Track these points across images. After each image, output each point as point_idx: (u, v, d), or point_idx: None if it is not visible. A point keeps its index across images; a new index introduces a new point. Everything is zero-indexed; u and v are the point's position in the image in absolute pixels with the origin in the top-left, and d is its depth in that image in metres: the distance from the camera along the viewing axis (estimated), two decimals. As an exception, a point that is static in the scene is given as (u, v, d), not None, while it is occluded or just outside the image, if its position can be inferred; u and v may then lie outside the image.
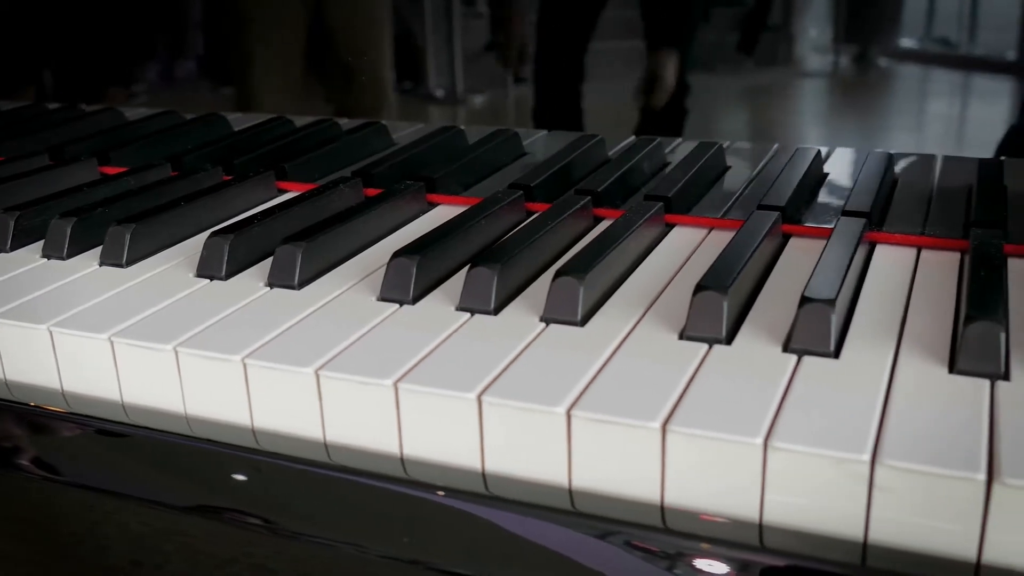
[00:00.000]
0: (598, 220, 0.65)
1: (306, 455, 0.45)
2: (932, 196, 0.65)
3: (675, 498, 0.40)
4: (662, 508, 0.40)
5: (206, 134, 0.88)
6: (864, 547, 0.37)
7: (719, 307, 0.46)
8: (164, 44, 0.97)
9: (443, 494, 0.42)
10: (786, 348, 0.45)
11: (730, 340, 0.46)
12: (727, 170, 0.74)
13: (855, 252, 0.52)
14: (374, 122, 0.87)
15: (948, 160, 0.70)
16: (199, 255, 0.58)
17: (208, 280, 0.57)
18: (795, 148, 0.73)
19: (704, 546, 0.38)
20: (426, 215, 0.68)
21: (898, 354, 0.44)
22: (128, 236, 0.60)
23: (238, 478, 0.46)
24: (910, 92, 0.72)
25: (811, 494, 0.38)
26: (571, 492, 0.41)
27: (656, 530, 0.39)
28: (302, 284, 0.55)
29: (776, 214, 0.59)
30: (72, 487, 0.50)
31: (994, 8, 0.68)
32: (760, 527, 0.39)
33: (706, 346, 0.45)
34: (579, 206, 0.63)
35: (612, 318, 0.49)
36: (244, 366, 0.46)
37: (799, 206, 0.63)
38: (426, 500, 0.42)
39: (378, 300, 0.53)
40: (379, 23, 0.87)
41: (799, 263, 0.55)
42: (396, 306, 0.52)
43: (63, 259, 0.61)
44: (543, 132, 0.83)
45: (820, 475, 0.37)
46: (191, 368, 0.48)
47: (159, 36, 0.96)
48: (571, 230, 0.62)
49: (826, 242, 0.53)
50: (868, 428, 0.38)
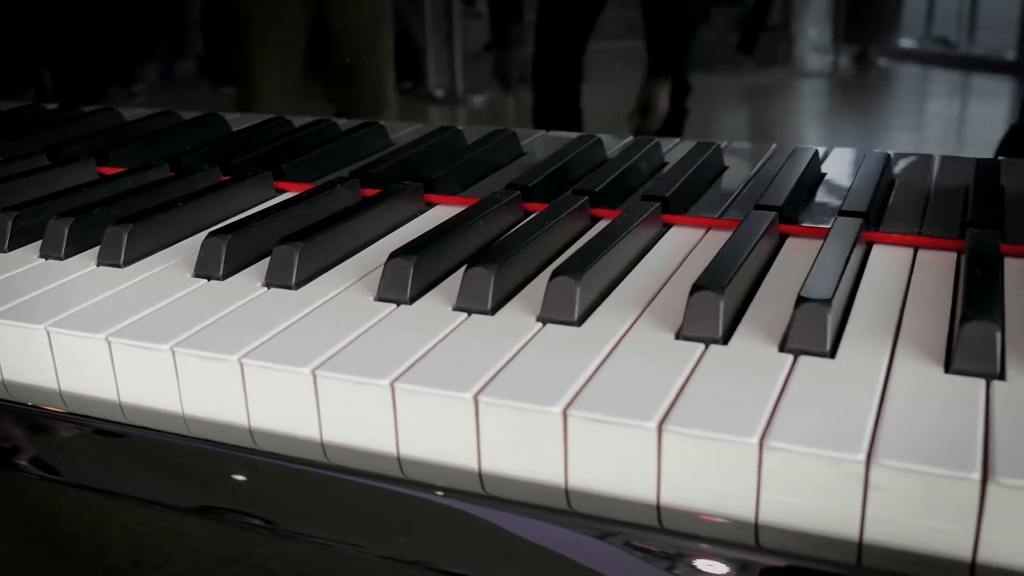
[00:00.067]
0: (596, 220, 0.65)
1: (303, 455, 0.45)
2: (929, 196, 0.65)
3: (671, 498, 0.40)
4: (658, 508, 0.40)
5: (204, 134, 0.88)
6: (860, 547, 0.37)
7: (715, 307, 0.46)
8: (163, 44, 0.97)
9: (442, 494, 0.42)
10: (782, 348, 0.45)
11: (726, 340, 0.46)
12: (725, 170, 0.74)
13: (851, 252, 0.52)
14: (372, 122, 0.87)
15: (945, 160, 0.70)
16: (197, 255, 0.58)
17: (206, 280, 0.57)
18: (794, 148, 0.73)
19: (704, 546, 0.38)
20: (424, 215, 0.68)
21: (894, 354, 0.44)
22: (126, 236, 0.60)
23: (237, 478, 0.46)
24: (909, 92, 0.72)
25: (807, 494, 0.38)
26: (567, 492, 0.41)
27: (653, 530, 0.39)
28: (299, 284, 0.55)
29: (773, 214, 0.59)
30: (71, 487, 0.50)
31: (993, 8, 0.69)
32: (756, 527, 0.39)
33: (702, 346, 0.45)
34: (576, 206, 0.63)
35: (609, 318, 0.49)
36: (241, 366, 0.46)
37: (796, 206, 0.63)
38: (424, 500, 0.42)
39: (375, 300, 0.53)
40: (378, 23, 0.87)
41: (796, 263, 0.55)
42: (393, 306, 0.52)
43: (61, 259, 0.61)
44: (541, 132, 0.83)
45: (816, 475, 0.37)
46: (188, 368, 0.48)
47: (158, 36, 0.97)
48: (568, 230, 0.62)
49: (823, 242, 0.53)
50: (864, 428, 0.38)
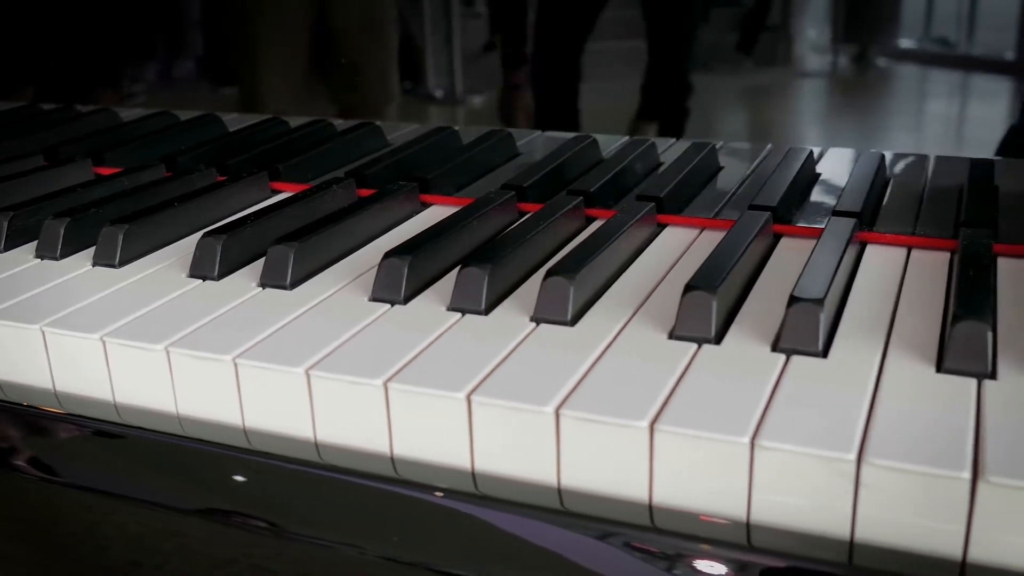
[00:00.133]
0: (590, 220, 0.65)
1: (297, 455, 0.45)
2: (924, 196, 0.65)
3: (663, 497, 0.40)
4: (651, 507, 0.40)
5: (201, 135, 0.88)
6: (851, 546, 0.37)
7: (708, 307, 0.46)
8: (160, 44, 0.97)
9: (441, 495, 0.42)
10: (775, 348, 0.45)
11: (719, 340, 0.46)
12: (720, 170, 0.74)
13: (845, 252, 0.52)
14: (368, 123, 0.87)
15: (940, 160, 0.71)
16: (192, 255, 0.58)
17: (201, 280, 0.57)
18: (788, 148, 0.73)
19: (698, 546, 0.38)
20: (419, 215, 0.68)
21: (886, 353, 0.44)
22: (121, 236, 0.60)
23: (237, 479, 0.46)
24: (908, 92, 0.72)
25: (798, 493, 0.38)
26: (560, 491, 0.42)
27: (646, 529, 0.39)
28: (294, 284, 0.55)
29: (767, 214, 0.59)
30: (70, 488, 0.50)
31: (992, 8, 0.69)
32: (748, 526, 0.39)
33: (695, 346, 0.46)
34: (571, 206, 0.63)
35: (602, 318, 0.49)
36: (235, 366, 0.47)
37: (790, 206, 0.63)
38: (420, 500, 0.42)
39: (370, 300, 0.53)
40: (378, 24, 0.87)
41: (790, 263, 0.55)
42: (387, 306, 0.52)
43: (56, 259, 0.61)
44: (537, 132, 0.83)
45: (807, 474, 0.37)
46: (183, 368, 0.48)
47: (155, 36, 0.97)
48: (563, 230, 0.62)
49: (816, 242, 0.54)
50: (855, 427, 0.38)
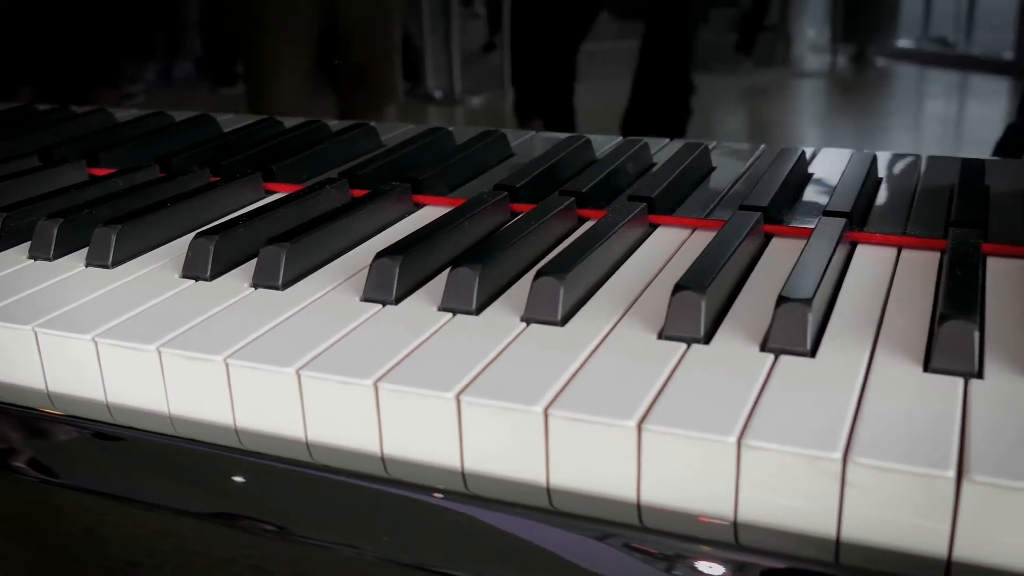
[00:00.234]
0: (583, 221, 0.65)
1: (290, 455, 0.45)
2: (915, 196, 0.65)
3: (651, 496, 0.40)
4: (639, 507, 0.40)
5: (195, 135, 0.88)
6: (837, 544, 0.38)
7: (697, 307, 0.46)
8: (156, 45, 0.97)
9: (441, 496, 0.42)
10: (763, 347, 0.45)
11: (708, 339, 0.46)
12: (712, 171, 0.74)
13: (834, 252, 0.52)
14: (363, 123, 0.87)
15: (932, 160, 0.71)
16: (185, 256, 0.58)
17: (193, 281, 0.57)
18: (781, 149, 0.73)
19: (686, 545, 0.39)
20: (412, 216, 0.69)
21: (874, 353, 0.45)
22: (114, 237, 0.60)
23: (235, 480, 0.46)
24: (907, 92, 0.72)
25: (785, 492, 0.38)
26: (549, 491, 0.42)
27: (635, 528, 0.39)
28: (286, 285, 0.55)
29: (758, 214, 0.59)
30: (69, 489, 0.50)
31: (991, 8, 0.69)
32: (735, 525, 0.39)
33: (684, 345, 0.46)
34: (563, 207, 0.63)
35: (592, 318, 0.49)
36: (226, 366, 0.47)
37: (781, 206, 0.63)
38: (414, 500, 0.43)
39: (361, 300, 0.53)
40: (378, 24, 0.88)
41: (780, 263, 0.55)
42: (379, 306, 0.52)
43: (50, 260, 0.61)
44: (531, 133, 0.83)
45: (793, 473, 0.37)
46: (174, 368, 0.48)
47: (151, 37, 0.97)
48: (555, 231, 0.62)
49: (806, 242, 0.54)
50: (841, 426, 0.38)
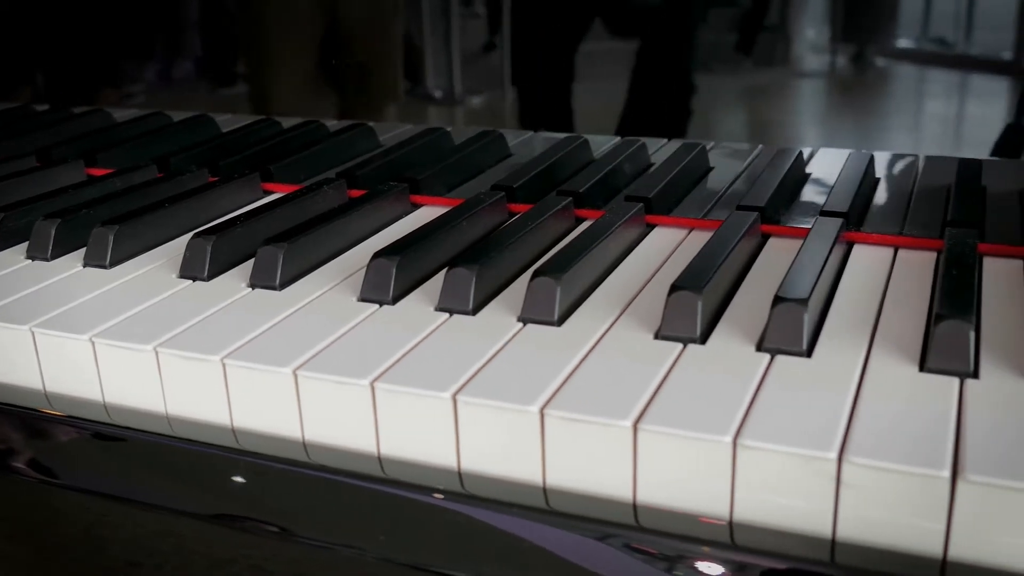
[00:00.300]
0: (580, 221, 0.65)
1: (288, 455, 0.45)
2: (912, 196, 0.65)
3: (647, 496, 0.40)
4: (635, 506, 0.40)
5: (193, 136, 0.88)
6: (833, 544, 0.38)
7: (693, 307, 0.46)
8: (155, 46, 0.97)
9: (442, 496, 0.42)
10: (759, 347, 0.45)
11: (705, 339, 0.46)
12: (710, 171, 0.74)
13: (831, 252, 0.52)
14: (361, 124, 0.87)
15: (930, 160, 0.71)
16: (182, 256, 0.58)
17: (191, 281, 0.57)
18: (778, 149, 0.73)
19: (681, 545, 0.39)
20: (409, 216, 0.69)
21: (870, 353, 0.45)
22: (112, 237, 0.60)
23: (236, 480, 0.46)
24: (906, 92, 0.72)
25: (781, 492, 0.38)
26: (545, 491, 0.42)
27: (631, 528, 0.40)
28: (283, 285, 0.55)
29: (755, 215, 0.59)
30: (69, 490, 0.50)
31: (990, 8, 0.69)
32: (731, 524, 0.39)
33: (680, 345, 0.46)
34: (560, 207, 0.63)
35: (589, 318, 0.49)
36: (223, 366, 0.47)
37: (778, 206, 0.63)
38: (410, 500, 0.43)
39: (358, 300, 0.53)
40: (378, 24, 0.88)
41: (777, 263, 0.55)
42: (376, 306, 0.52)
43: (47, 260, 0.62)
44: (530, 133, 0.83)
45: (789, 473, 0.38)
46: (171, 368, 0.48)
47: (149, 38, 0.97)
48: (552, 231, 0.62)
49: (803, 242, 0.54)
50: (836, 426, 0.38)
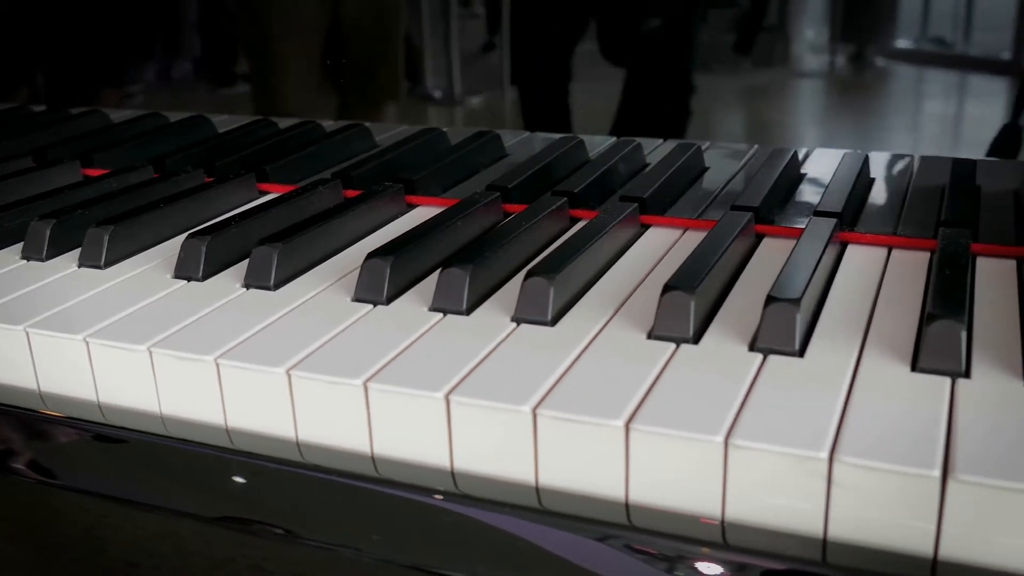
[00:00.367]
0: (575, 221, 0.66)
1: (280, 455, 0.45)
2: (907, 196, 0.65)
3: (639, 496, 0.40)
4: (627, 506, 0.40)
5: (189, 136, 0.88)
6: (824, 543, 0.38)
7: (686, 307, 0.46)
8: (154, 46, 0.97)
9: (441, 497, 0.42)
10: (752, 347, 0.45)
11: (697, 339, 0.46)
12: (705, 171, 0.74)
13: (824, 252, 0.52)
14: (357, 124, 0.87)
15: (925, 160, 0.71)
16: (177, 256, 0.58)
17: (185, 281, 0.57)
18: (773, 149, 0.73)
19: (674, 544, 0.39)
20: (405, 216, 0.69)
21: (862, 353, 0.45)
22: (107, 238, 0.60)
23: (236, 480, 0.46)
24: (904, 92, 0.72)
25: (772, 491, 0.38)
26: (538, 490, 0.42)
27: (625, 528, 0.40)
28: (278, 285, 0.55)
29: (749, 215, 0.59)
30: (69, 491, 0.50)
31: (989, 8, 0.69)
32: (723, 524, 0.39)
33: (673, 345, 0.46)
34: (555, 207, 0.63)
35: (582, 318, 0.49)
36: (217, 366, 0.47)
37: (773, 207, 0.63)
38: (415, 500, 0.43)
39: (352, 301, 0.53)
40: (379, 25, 0.87)
41: (771, 263, 0.55)
42: (370, 306, 0.52)
43: (43, 260, 0.62)
44: (526, 133, 0.83)
45: (780, 472, 0.38)
46: (165, 368, 0.48)
47: (147, 38, 0.97)
48: (547, 231, 0.62)
49: (796, 242, 0.54)
50: (828, 426, 0.39)
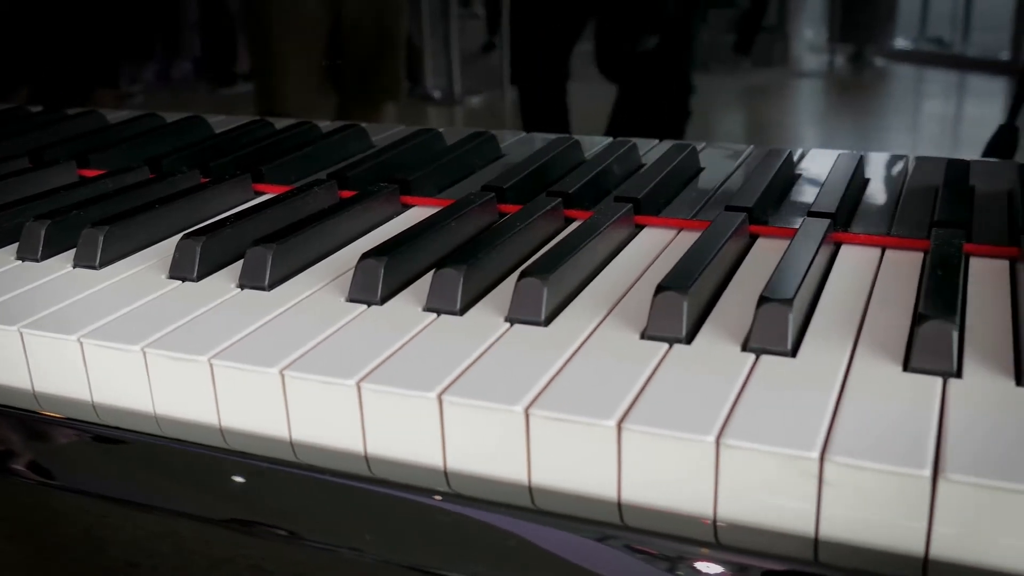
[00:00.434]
0: (570, 221, 0.66)
1: (275, 454, 0.45)
2: (901, 197, 0.66)
3: (632, 495, 0.40)
4: (619, 505, 0.41)
5: (185, 137, 0.88)
6: (816, 543, 0.38)
7: (679, 307, 0.46)
8: (151, 47, 0.97)
9: (440, 498, 0.42)
10: (745, 347, 0.45)
11: (690, 339, 0.46)
12: (700, 171, 0.75)
13: (817, 252, 0.52)
14: (353, 125, 0.87)
15: (920, 160, 0.71)
16: (172, 257, 0.59)
17: (180, 282, 0.57)
18: (768, 149, 0.73)
19: (667, 543, 0.39)
20: (400, 217, 0.69)
21: (855, 353, 0.45)
22: (102, 238, 0.60)
23: (236, 480, 0.46)
24: (903, 92, 0.72)
25: (763, 491, 0.38)
26: (531, 490, 0.42)
27: (617, 527, 0.40)
28: (272, 285, 0.55)
29: (743, 215, 0.59)
30: (68, 492, 0.50)
31: (988, 9, 0.69)
32: (715, 523, 0.39)
33: (666, 345, 0.46)
34: (550, 208, 0.63)
35: (576, 318, 0.50)
36: (211, 366, 0.47)
37: (767, 207, 0.63)
38: (411, 500, 0.43)
39: (347, 301, 0.53)
40: (379, 25, 0.88)
41: (765, 263, 0.55)
42: (364, 307, 0.52)
43: (37, 261, 0.62)
44: (522, 134, 0.83)
45: (772, 472, 0.38)
46: (159, 368, 0.48)
47: (147, 39, 0.97)
48: (541, 231, 0.62)
49: (789, 242, 0.54)
50: (819, 425, 0.39)
